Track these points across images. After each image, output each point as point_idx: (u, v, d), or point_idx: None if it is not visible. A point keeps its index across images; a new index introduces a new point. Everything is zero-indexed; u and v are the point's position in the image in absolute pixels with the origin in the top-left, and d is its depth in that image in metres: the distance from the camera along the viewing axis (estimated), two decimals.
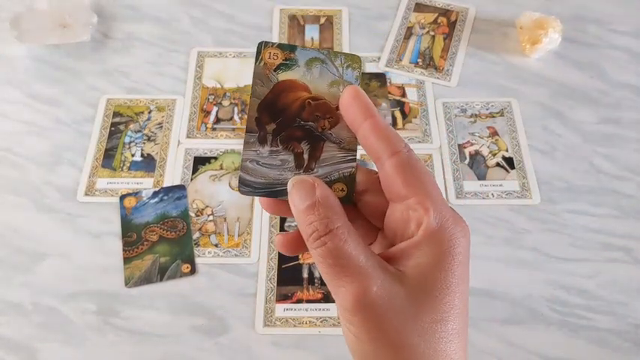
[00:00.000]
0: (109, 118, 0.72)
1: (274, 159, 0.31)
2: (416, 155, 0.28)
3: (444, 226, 0.27)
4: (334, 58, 0.31)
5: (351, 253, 0.26)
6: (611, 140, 0.71)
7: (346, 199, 0.30)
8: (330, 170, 0.30)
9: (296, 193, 0.28)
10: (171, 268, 0.61)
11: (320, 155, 0.31)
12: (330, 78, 0.30)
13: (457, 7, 0.84)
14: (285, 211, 0.29)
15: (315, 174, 0.30)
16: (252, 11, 0.83)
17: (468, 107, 0.74)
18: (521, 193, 0.67)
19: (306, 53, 0.31)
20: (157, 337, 0.57)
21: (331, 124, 0.30)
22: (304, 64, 0.31)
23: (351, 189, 0.30)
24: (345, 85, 0.30)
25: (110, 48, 0.78)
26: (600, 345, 0.58)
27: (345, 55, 0.31)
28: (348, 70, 0.31)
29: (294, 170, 0.30)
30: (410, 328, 0.26)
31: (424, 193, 0.27)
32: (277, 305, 0.59)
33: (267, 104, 0.31)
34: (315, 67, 0.31)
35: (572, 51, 0.79)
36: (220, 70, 0.76)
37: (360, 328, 0.26)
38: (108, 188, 0.66)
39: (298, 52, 0.31)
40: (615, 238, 0.64)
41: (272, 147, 0.31)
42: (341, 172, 0.30)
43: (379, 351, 0.26)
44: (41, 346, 0.57)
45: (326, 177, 0.30)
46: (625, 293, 0.61)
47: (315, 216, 0.27)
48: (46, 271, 0.61)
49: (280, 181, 0.30)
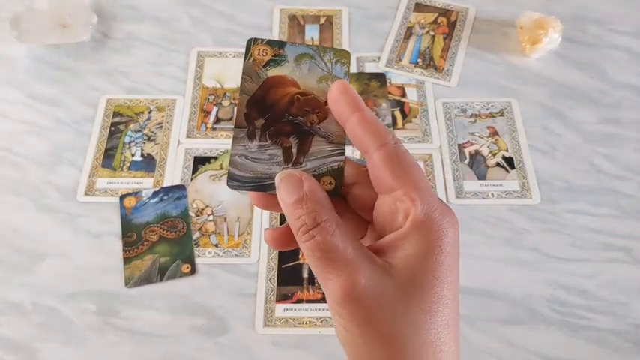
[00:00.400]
0: (109, 118, 0.72)
1: (263, 153, 0.31)
2: (404, 147, 0.29)
3: (432, 217, 0.27)
4: (323, 54, 0.31)
5: (338, 245, 0.26)
6: (611, 140, 0.71)
7: (334, 193, 0.30)
8: (318, 164, 0.31)
9: (283, 187, 0.28)
10: (171, 268, 0.61)
11: (308, 149, 0.31)
12: (319, 73, 0.31)
13: (457, 7, 0.84)
14: (275, 205, 0.29)
15: (304, 168, 0.31)
16: (252, 11, 0.83)
17: (468, 107, 0.74)
18: (521, 193, 0.67)
19: (295, 49, 0.31)
20: (157, 337, 0.57)
21: (320, 118, 0.31)
22: (293, 59, 0.31)
23: (340, 182, 0.31)
24: (334, 80, 0.30)
25: (110, 48, 0.78)
26: (600, 345, 0.58)
27: (334, 50, 0.31)
28: (337, 66, 0.31)
29: (282, 165, 0.31)
30: (399, 320, 0.26)
31: (411, 185, 0.27)
32: (277, 305, 0.59)
33: (256, 100, 0.31)
34: (304, 63, 0.31)
35: (572, 51, 0.79)
36: (220, 70, 0.76)
37: (350, 320, 0.26)
38: (108, 188, 0.66)
39: (287, 48, 0.31)
40: (615, 238, 0.64)
41: (261, 142, 0.31)
42: (329, 165, 0.31)
43: (369, 343, 0.26)
44: (41, 346, 0.57)
45: (314, 171, 0.30)
46: (625, 293, 0.61)
47: (302, 210, 0.27)
48: (46, 271, 0.61)
49: (269, 175, 0.30)
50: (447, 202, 0.66)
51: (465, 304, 0.59)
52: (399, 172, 0.28)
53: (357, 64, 0.78)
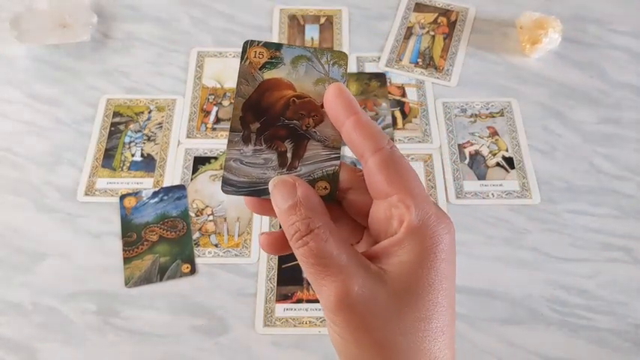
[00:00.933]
0: (109, 118, 0.72)
1: (257, 158, 0.30)
2: (399, 152, 0.28)
3: (426, 223, 0.27)
4: (320, 56, 0.30)
5: (332, 252, 0.26)
6: (611, 140, 0.71)
7: (329, 198, 0.30)
8: (313, 169, 0.30)
9: (277, 193, 0.28)
10: (171, 268, 0.61)
11: (303, 154, 0.30)
12: (315, 76, 0.30)
13: (457, 7, 0.84)
14: (270, 210, 0.29)
15: (298, 172, 0.30)
16: (252, 11, 0.83)
17: (468, 107, 0.74)
18: (521, 193, 0.67)
19: (292, 51, 0.30)
20: (157, 337, 0.57)
21: (315, 122, 0.30)
22: (290, 62, 0.30)
23: (335, 187, 0.30)
24: (331, 82, 0.30)
25: (110, 48, 0.78)
26: (600, 345, 0.58)
27: (331, 52, 0.31)
28: (334, 68, 0.30)
29: (277, 169, 0.30)
30: (393, 327, 0.26)
31: (406, 190, 0.27)
32: (277, 305, 0.59)
33: (251, 103, 0.30)
34: (300, 65, 0.30)
35: (572, 51, 0.79)
36: (220, 70, 0.76)
37: (344, 327, 0.26)
38: (108, 188, 0.66)
39: (284, 51, 0.30)
40: (615, 238, 0.64)
41: (256, 146, 0.30)
42: (324, 170, 0.30)
43: (364, 350, 0.26)
44: (41, 346, 0.57)
45: (309, 175, 0.30)
46: (625, 293, 0.61)
47: (296, 216, 0.27)
48: (46, 271, 0.61)
49: (263, 180, 0.30)
50: (447, 202, 0.66)
51: (465, 304, 0.59)
52: (394, 178, 0.27)
53: (357, 64, 0.78)
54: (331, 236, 0.27)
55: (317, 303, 0.60)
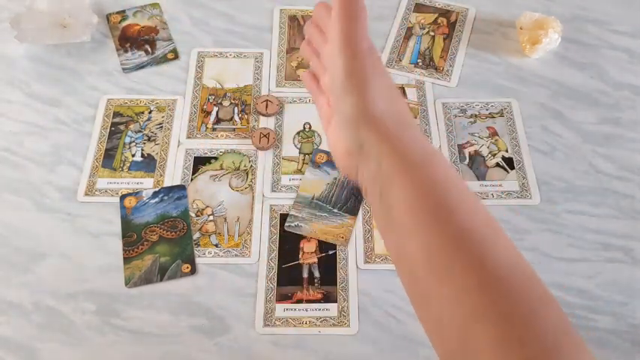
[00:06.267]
0: (109, 118, 0.72)
1: None
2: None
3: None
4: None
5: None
6: (611, 140, 0.71)
7: None
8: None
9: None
10: (171, 268, 0.61)
11: None
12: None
13: (457, 7, 0.84)
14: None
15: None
16: (252, 11, 0.83)
17: (468, 107, 0.74)
18: (520, 194, 0.67)
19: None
20: (157, 337, 0.57)
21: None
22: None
23: None
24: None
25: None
26: (600, 345, 0.58)
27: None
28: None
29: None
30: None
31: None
32: (277, 305, 0.59)
33: None
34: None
35: (572, 51, 0.79)
36: (220, 71, 0.76)
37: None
38: (108, 188, 0.66)
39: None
40: (615, 238, 0.64)
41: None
42: None
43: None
44: (41, 346, 0.57)
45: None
46: (625, 293, 0.61)
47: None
48: (46, 271, 0.61)
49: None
50: None
51: None
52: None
53: None
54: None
55: (317, 303, 0.60)
